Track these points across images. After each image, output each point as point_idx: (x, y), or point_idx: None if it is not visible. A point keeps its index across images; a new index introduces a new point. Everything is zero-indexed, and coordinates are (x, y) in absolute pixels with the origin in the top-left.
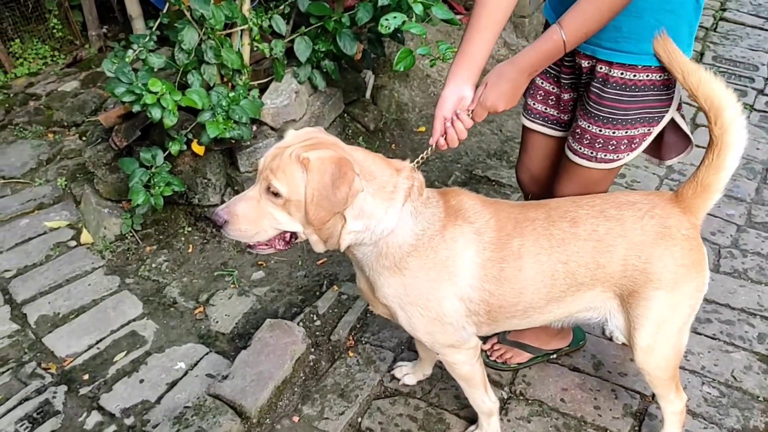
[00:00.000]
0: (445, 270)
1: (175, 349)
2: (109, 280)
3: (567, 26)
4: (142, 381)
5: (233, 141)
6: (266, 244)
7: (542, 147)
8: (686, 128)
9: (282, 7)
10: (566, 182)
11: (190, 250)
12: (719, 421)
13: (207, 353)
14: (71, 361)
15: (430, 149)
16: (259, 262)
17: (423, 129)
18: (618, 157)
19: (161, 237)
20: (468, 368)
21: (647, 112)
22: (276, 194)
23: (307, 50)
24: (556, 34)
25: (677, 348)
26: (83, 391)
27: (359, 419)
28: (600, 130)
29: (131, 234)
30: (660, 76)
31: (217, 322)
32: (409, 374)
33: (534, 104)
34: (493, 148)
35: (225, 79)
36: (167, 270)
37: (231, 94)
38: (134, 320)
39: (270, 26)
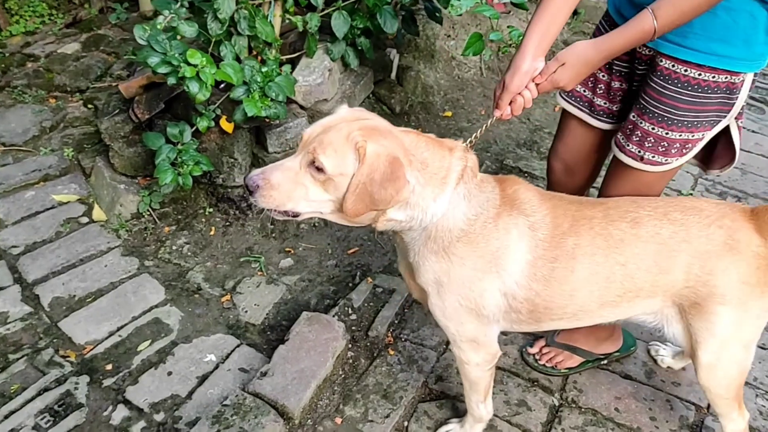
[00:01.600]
0: (494, 261)
1: (203, 339)
2: (127, 262)
3: (661, 15)
4: (170, 373)
5: (267, 120)
6: (285, 212)
7: (581, 137)
8: (737, 140)
9: None
10: (614, 183)
11: (212, 233)
12: None
13: (238, 345)
14: (91, 349)
15: (491, 120)
16: (287, 249)
17: (449, 114)
18: (667, 160)
19: (180, 217)
20: (479, 373)
21: (706, 116)
22: (319, 169)
23: (345, 26)
24: (647, 22)
25: (742, 367)
26: (107, 382)
27: (405, 423)
28: (653, 128)
29: (148, 213)
30: (726, 78)
31: (246, 311)
32: None
33: (581, 88)
34: (522, 137)
35: (255, 53)
36: (189, 253)
37: (264, 69)
38: (157, 306)
39: None
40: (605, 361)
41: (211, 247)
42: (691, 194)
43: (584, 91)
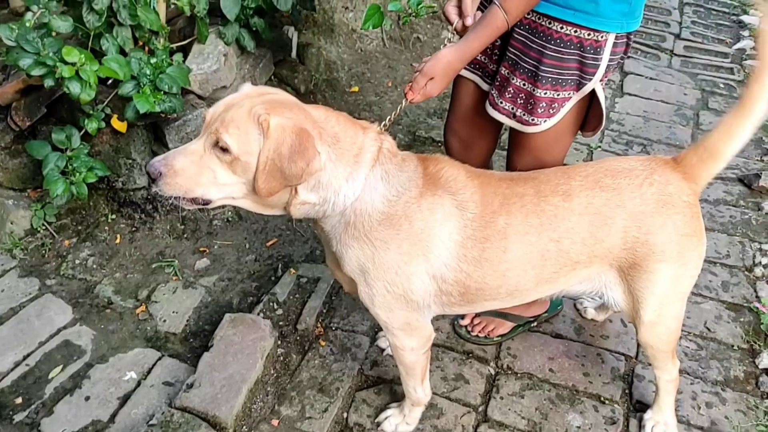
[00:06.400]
0: (420, 243)
1: (120, 357)
2: (27, 283)
3: (509, 9)
4: (88, 398)
5: (162, 115)
6: (192, 200)
7: (474, 106)
8: (603, 103)
9: None
10: (513, 155)
11: (117, 241)
12: (702, 375)
13: (159, 358)
14: None
15: (404, 103)
16: (201, 249)
17: (356, 89)
18: (534, 120)
19: (80, 228)
20: (414, 357)
21: (570, 73)
22: (224, 150)
23: (236, 6)
24: (499, 18)
25: (680, 319)
26: (18, 417)
27: (345, 414)
28: (523, 84)
29: (44, 227)
30: (589, 35)
31: (164, 321)
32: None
33: None
34: (432, 106)
35: (141, 43)
36: (95, 266)
37: (153, 61)
38: (65, 328)
39: None
40: (535, 323)
41: (119, 256)
42: (599, 147)
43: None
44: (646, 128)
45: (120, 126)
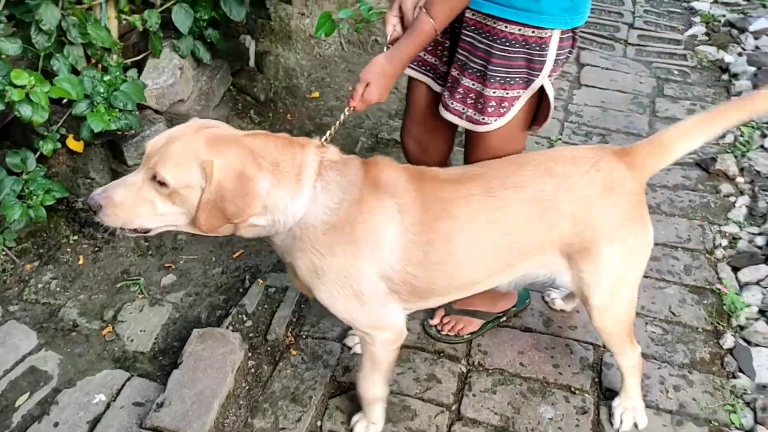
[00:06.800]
0: (363, 245)
1: (88, 380)
2: None
3: (435, 13)
4: (56, 424)
5: (119, 132)
6: (135, 229)
7: (425, 104)
8: (552, 99)
9: None
10: (469, 155)
11: (80, 262)
12: (669, 359)
13: (128, 379)
14: None
15: (346, 112)
16: (167, 264)
17: (317, 94)
18: (485, 119)
19: (42, 251)
20: (384, 353)
21: (518, 72)
22: (162, 183)
23: (188, 19)
24: (426, 24)
25: (632, 303)
26: None
27: (319, 422)
28: (473, 84)
29: (4, 253)
30: (533, 33)
31: (132, 340)
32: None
33: (423, 53)
34: (393, 108)
35: (93, 61)
36: (58, 289)
37: (106, 78)
38: (30, 354)
39: None
40: (504, 318)
41: (83, 277)
42: (560, 139)
43: (424, 54)
44: (604, 118)
45: (76, 146)
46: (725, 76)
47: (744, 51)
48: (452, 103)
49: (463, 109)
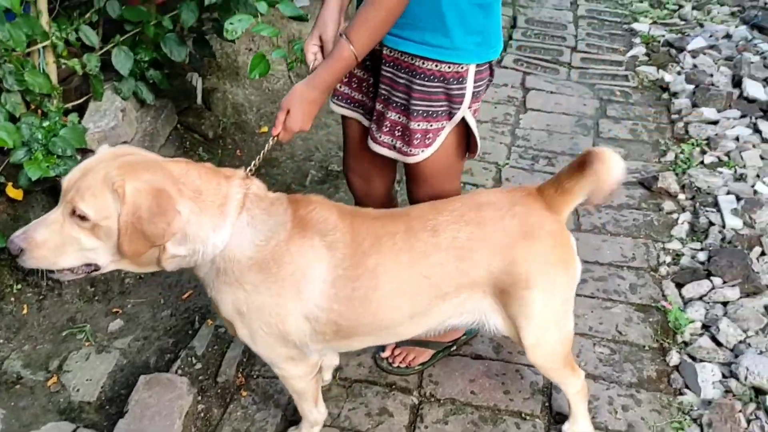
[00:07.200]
0: (290, 286)
1: None
2: None
3: (355, 40)
4: None
5: (58, 178)
6: (69, 270)
7: (359, 138)
8: (475, 130)
9: (89, 14)
10: (410, 185)
11: (24, 312)
12: (617, 379)
13: (74, 430)
14: None
15: (270, 142)
16: (114, 309)
17: (266, 129)
18: (412, 150)
19: None
20: (303, 384)
21: (439, 105)
22: (83, 217)
23: (128, 61)
24: (345, 50)
25: (564, 337)
26: None
27: None
28: (399, 117)
29: None
30: (450, 68)
31: (77, 390)
32: None
33: (341, 87)
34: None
35: (33, 106)
36: (1, 340)
37: (45, 124)
38: None
39: (78, 38)
40: (455, 347)
41: (27, 327)
42: (507, 164)
43: (351, 92)
44: (550, 141)
45: (16, 194)
46: (665, 95)
47: (682, 70)
48: (380, 136)
49: (392, 141)
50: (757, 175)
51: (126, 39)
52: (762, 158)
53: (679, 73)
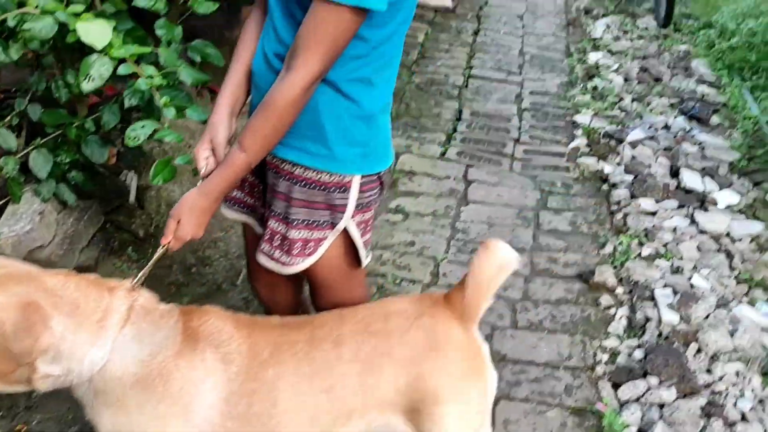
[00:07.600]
0: (178, 405)
1: None
2: None
3: (247, 146)
4: None
5: None
6: None
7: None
8: (359, 242)
9: (9, 118)
10: (310, 291)
11: None
12: None
13: None
14: None
15: (160, 251)
16: (18, 427)
17: None
18: (291, 261)
19: None
20: None
21: (321, 214)
22: None
23: (47, 164)
24: (238, 158)
25: None
26: None
27: None
28: (278, 226)
29: None
30: (331, 178)
31: None
32: None
33: (239, 194)
34: None
35: None
36: None
37: None
38: None
39: None
40: None
41: None
42: (445, 258)
43: (243, 196)
44: (490, 234)
45: None
46: (605, 186)
47: (622, 161)
48: (262, 245)
49: (270, 250)
50: (694, 267)
51: (46, 142)
52: (699, 249)
53: (618, 164)
